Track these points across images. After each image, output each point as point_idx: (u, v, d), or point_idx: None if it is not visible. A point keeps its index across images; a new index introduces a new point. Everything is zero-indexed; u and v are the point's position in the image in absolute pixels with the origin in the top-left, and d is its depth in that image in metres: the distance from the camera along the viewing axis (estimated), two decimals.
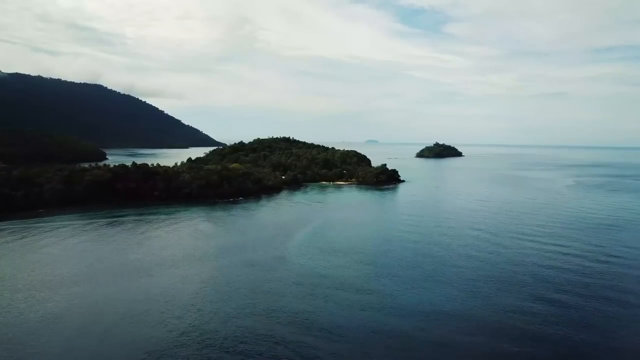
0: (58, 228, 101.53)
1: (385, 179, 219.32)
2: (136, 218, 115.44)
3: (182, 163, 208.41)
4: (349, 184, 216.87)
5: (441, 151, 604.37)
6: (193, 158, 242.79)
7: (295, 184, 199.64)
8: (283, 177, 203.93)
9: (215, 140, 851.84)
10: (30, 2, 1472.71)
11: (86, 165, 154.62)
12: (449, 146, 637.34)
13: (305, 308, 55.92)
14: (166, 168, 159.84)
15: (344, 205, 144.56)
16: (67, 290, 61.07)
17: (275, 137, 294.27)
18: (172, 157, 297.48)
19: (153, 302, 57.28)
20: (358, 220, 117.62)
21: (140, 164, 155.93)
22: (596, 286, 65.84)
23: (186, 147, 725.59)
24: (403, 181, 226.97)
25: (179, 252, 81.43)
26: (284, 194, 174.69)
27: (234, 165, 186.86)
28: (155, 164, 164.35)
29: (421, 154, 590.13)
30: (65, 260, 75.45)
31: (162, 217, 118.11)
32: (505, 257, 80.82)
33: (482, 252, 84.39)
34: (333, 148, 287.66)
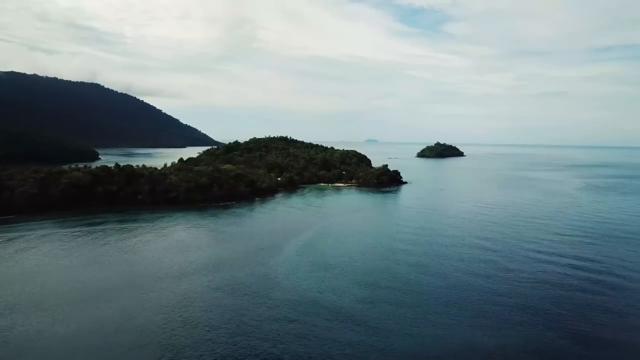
0: (24, 237, 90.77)
1: (387, 180, 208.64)
2: (113, 226, 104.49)
3: (173, 163, 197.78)
4: (348, 185, 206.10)
5: (442, 151, 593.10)
6: (190, 158, 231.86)
7: (291, 186, 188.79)
8: (279, 178, 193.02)
9: (214, 140, 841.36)
10: (29, 1, 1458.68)
11: (66, 167, 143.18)
12: (451, 146, 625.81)
13: (292, 347, 45.20)
14: (152, 170, 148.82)
15: (342, 211, 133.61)
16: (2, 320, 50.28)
17: (272, 136, 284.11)
18: (167, 157, 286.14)
19: (99, 336, 46.54)
20: (357, 229, 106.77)
21: (123, 165, 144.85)
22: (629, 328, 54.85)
23: (184, 146, 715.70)
24: (405, 183, 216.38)
25: (153, 269, 70.64)
26: (279, 197, 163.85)
27: (226, 166, 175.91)
28: (141, 165, 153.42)
29: (422, 154, 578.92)
30: (13, 278, 64.47)
31: (143, 224, 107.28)
32: (520, 284, 68.47)
33: (495, 276, 72.39)
34: (332, 148, 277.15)
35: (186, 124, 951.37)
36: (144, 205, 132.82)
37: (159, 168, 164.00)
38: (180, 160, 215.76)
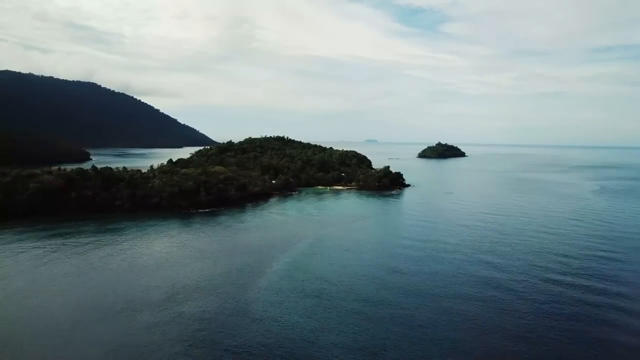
0: None
1: (389, 183, 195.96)
2: (80, 239, 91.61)
3: (162, 165, 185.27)
4: (348, 188, 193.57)
5: (444, 151, 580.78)
6: (180, 159, 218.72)
7: (287, 190, 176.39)
8: (273, 181, 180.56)
9: (212, 140, 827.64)
10: (28, 1, 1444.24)
11: (39, 170, 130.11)
12: (452, 146, 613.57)
13: None
14: (133, 173, 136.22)
15: (340, 219, 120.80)
16: None
17: (268, 136, 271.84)
18: (162, 158, 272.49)
19: None
20: (357, 243, 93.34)
21: (101, 168, 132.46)
22: None
23: (181, 146, 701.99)
24: (408, 185, 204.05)
25: (108, 297, 58.18)
26: (273, 201, 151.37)
27: (217, 168, 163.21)
28: (129, 167, 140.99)
29: (423, 154, 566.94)
30: None
31: (117, 236, 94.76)
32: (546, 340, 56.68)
33: (517, 326, 60.04)
34: (331, 148, 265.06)
35: (184, 124, 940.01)
36: (122, 212, 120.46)
37: (144, 171, 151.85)
38: (170, 161, 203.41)
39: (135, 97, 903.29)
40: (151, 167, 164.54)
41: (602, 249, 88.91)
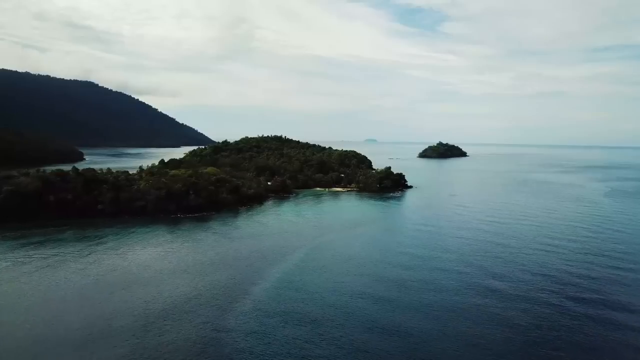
0: None
1: (390, 184, 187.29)
2: (48, 249, 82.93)
3: (153, 165, 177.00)
4: (347, 190, 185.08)
5: (445, 151, 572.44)
6: (172, 159, 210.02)
7: (283, 192, 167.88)
8: (269, 183, 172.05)
9: (211, 139, 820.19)
10: (27, 1, 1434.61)
11: (15, 171, 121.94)
12: (453, 146, 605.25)
13: None
14: (117, 174, 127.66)
15: (338, 225, 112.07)
16: None
17: (267, 135, 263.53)
18: (158, 157, 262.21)
19: None
20: (356, 253, 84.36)
21: (83, 169, 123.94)
22: None
23: (179, 146, 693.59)
24: (410, 187, 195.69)
25: (70, 324, 49.83)
26: (268, 205, 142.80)
27: (209, 169, 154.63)
28: (106, 169, 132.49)
29: (424, 154, 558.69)
30: None
31: (93, 245, 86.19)
32: None
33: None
34: (330, 148, 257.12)
35: (182, 123, 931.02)
36: (104, 217, 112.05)
37: (134, 172, 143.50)
38: (161, 162, 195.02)
39: (133, 96, 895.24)
40: (140, 167, 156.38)
41: (620, 266, 78.44)
